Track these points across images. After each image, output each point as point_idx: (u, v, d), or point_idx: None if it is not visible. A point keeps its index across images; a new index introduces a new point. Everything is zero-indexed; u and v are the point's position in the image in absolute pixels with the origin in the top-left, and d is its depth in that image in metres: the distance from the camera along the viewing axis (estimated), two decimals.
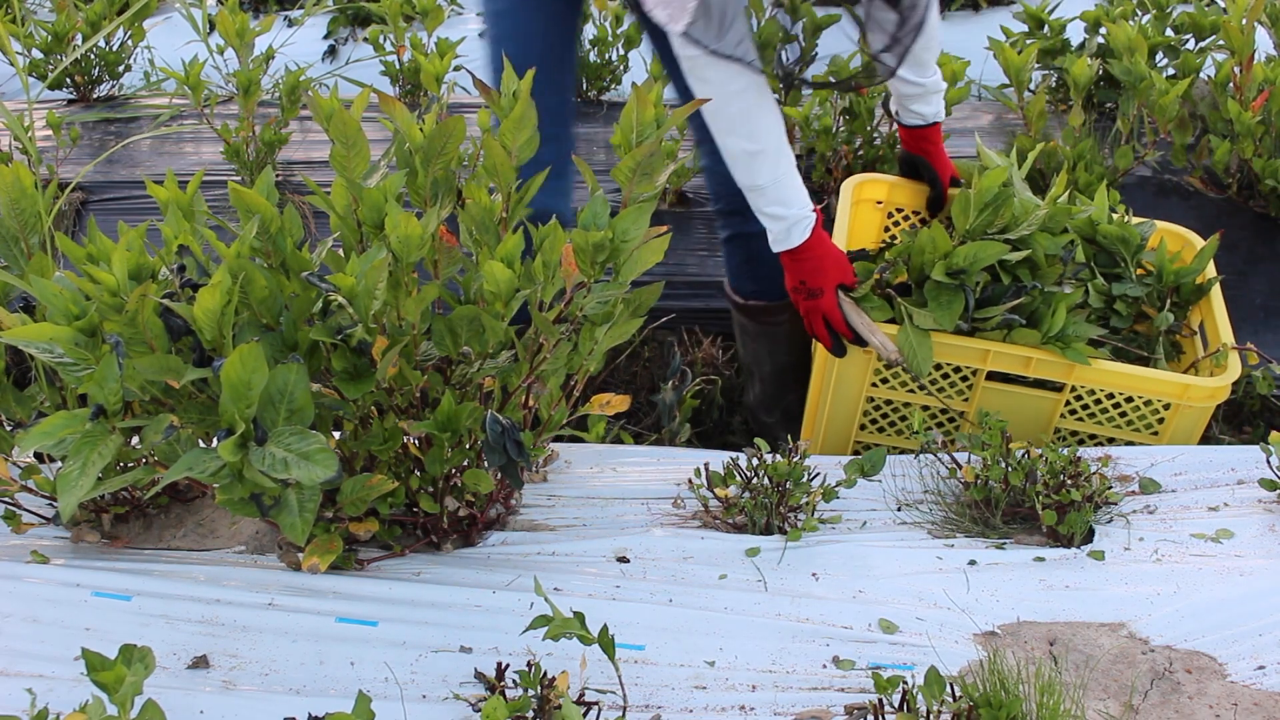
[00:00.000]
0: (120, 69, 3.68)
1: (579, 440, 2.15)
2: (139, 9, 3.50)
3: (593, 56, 3.48)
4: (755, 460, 1.79)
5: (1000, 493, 1.76)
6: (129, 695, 1.13)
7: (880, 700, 1.31)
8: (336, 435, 1.59)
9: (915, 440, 1.98)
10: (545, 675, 1.31)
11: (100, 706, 1.14)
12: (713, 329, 2.78)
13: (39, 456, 1.85)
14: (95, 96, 3.70)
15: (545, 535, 1.76)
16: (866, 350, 2.04)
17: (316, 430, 1.29)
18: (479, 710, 1.34)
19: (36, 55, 3.46)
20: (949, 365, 2.06)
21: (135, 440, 1.44)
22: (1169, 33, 3.13)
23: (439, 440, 1.54)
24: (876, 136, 2.92)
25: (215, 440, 1.27)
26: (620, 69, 3.52)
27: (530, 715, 1.28)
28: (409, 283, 1.45)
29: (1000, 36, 3.31)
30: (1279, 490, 1.74)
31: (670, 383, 2.44)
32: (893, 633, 1.53)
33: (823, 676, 1.46)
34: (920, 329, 2.00)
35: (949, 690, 1.29)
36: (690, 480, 1.84)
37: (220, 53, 3.41)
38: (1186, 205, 2.89)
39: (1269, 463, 1.76)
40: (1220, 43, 2.97)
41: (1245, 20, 2.75)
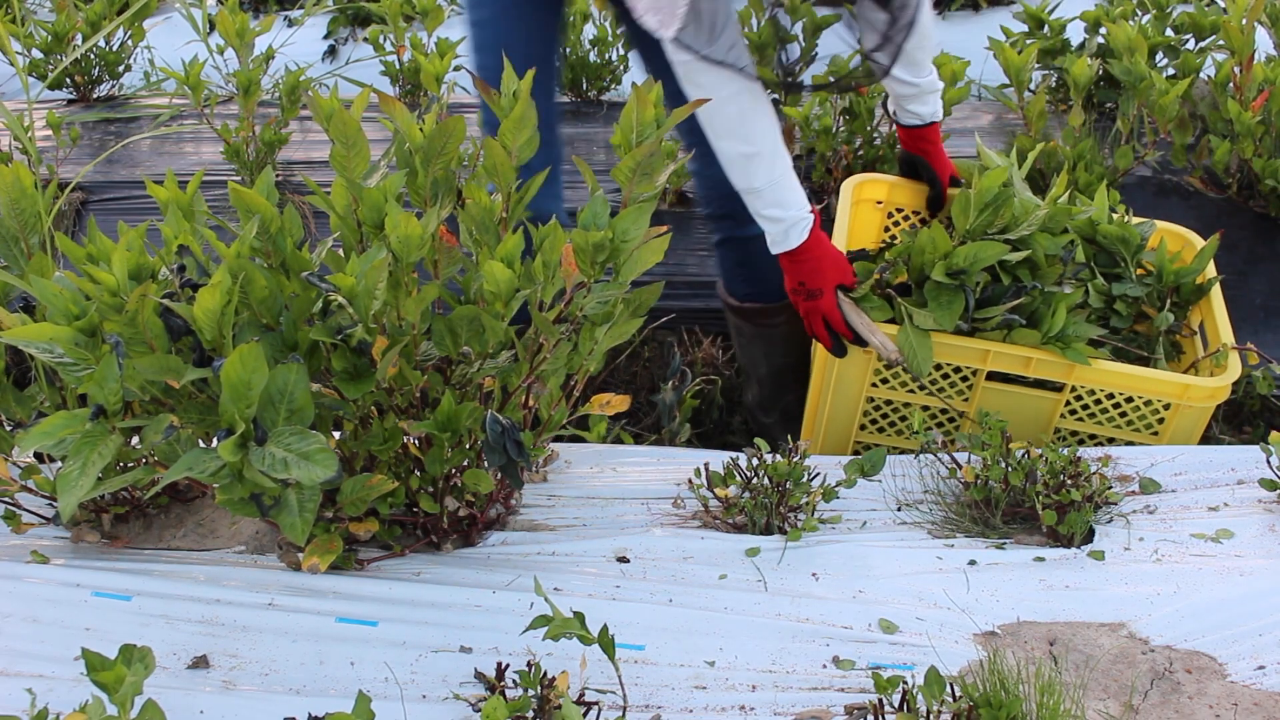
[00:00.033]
0: (120, 69, 3.69)
1: (579, 440, 2.15)
2: (139, 9, 3.50)
3: (593, 56, 3.48)
4: (755, 460, 1.79)
5: (1000, 493, 1.76)
6: (129, 695, 1.13)
7: (880, 700, 1.31)
8: (336, 435, 1.59)
9: (915, 440, 1.98)
10: (545, 675, 1.31)
11: (100, 706, 1.14)
12: (713, 329, 2.78)
13: (39, 456, 1.85)
14: (95, 96, 3.70)
15: (545, 535, 1.76)
16: (866, 350, 2.04)
17: (316, 430, 1.29)
18: (479, 710, 1.34)
19: (36, 55, 3.46)
20: (949, 365, 2.06)
21: (135, 440, 1.44)
22: (1169, 33, 3.13)
23: (439, 440, 1.54)
24: (876, 136, 2.92)
25: (215, 440, 1.27)
26: (620, 69, 3.52)
27: (530, 715, 1.28)
28: (409, 283, 1.45)
29: (1000, 36, 3.31)
30: (1279, 490, 1.74)
31: (670, 383, 2.44)
32: (893, 633, 1.53)
33: (823, 676, 1.46)
34: (920, 329, 2.00)
35: (949, 690, 1.29)
36: (690, 480, 1.84)
37: (220, 53, 3.41)
38: (1186, 205, 2.89)
39: (1269, 463, 1.76)
40: (1220, 43, 2.98)
41: (1245, 20, 2.75)
